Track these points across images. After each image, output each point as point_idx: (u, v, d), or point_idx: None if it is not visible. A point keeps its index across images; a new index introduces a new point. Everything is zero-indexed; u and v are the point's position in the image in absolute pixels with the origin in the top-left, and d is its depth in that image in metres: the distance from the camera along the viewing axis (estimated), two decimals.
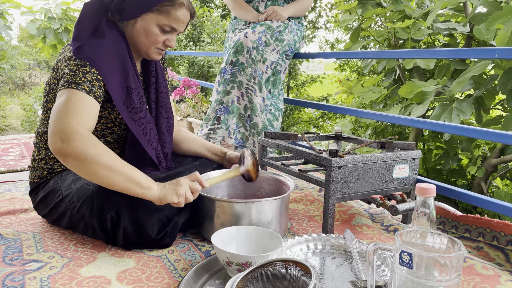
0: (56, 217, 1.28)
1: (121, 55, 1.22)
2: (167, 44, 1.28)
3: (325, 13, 7.48)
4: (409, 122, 1.78)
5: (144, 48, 1.27)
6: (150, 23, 1.22)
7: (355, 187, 1.28)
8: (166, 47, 1.28)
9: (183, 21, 1.25)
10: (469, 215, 1.26)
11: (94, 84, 1.13)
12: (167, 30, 1.25)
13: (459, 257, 0.69)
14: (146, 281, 1.01)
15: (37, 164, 1.32)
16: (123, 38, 1.25)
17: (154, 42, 1.25)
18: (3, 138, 3.19)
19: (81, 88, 1.10)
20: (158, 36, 1.24)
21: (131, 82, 1.24)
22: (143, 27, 1.23)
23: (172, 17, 1.22)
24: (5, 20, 4.78)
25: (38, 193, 1.32)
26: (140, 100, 1.27)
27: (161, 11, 1.21)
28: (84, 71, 1.13)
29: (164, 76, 1.45)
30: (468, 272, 1.06)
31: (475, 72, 2.49)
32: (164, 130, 1.39)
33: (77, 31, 1.18)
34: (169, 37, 1.27)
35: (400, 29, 2.94)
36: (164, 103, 1.40)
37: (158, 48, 1.28)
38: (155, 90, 1.38)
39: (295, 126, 7.00)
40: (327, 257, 1.11)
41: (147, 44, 1.26)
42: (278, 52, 2.09)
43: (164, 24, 1.23)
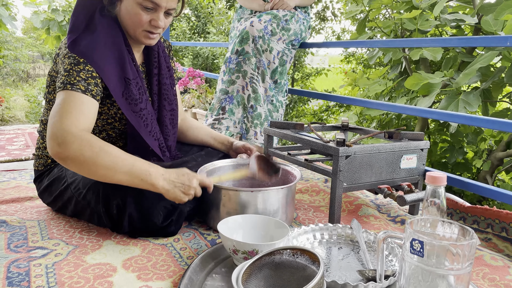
0: (61, 204, 1.28)
1: (116, 45, 1.18)
2: (153, 24, 1.19)
3: (331, 4, 7.42)
4: (416, 112, 1.76)
5: (132, 32, 1.21)
6: (131, 2, 1.16)
7: (362, 177, 1.26)
8: (154, 28, 1.20)
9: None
10: (478, 206, 1.25)
11: (90, 82, 1.11)
12: (149, 7, 1.15)
13: (471, 246, 0.68)
14: (152, 269, 1.00)
15: (41, 152, 1.32)
16: (118, 26, 1.21)
17: (138, 23, 1.18)
18: (8, 128, 3.19)
19: (76, 88, 1.09)
20: (140, 16, 1.16)
21: (129, 73, 1.20)
22: (126, 8, 1.17)
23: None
24: (10, 11, 4.76)
25: (42, 181, 1.32)
26: (140, 91, 1.23)
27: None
28: (78, 70, 1.11)
29: (169, 66, 1.40)
30: (477, 263, 1.05)
31: (482, 64, 2.45)
32: (167, 123, 1.36)
33: (72, 23, 1.16)
34: (154, 15, 1.18)
35: (407, 20, 2.90)
36: (167, 95, 1.36)
37: (146, 30, 1.20)
38: (157, 81, 1.34)
39: (299, 119, 6.97)
40: (334, 247, 1.10)
41: (133, 25, 1.19)
42: (284, 42, 2.07)
43: (143, 1, 1.14)
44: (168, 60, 1.41)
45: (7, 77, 10.33)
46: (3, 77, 9.81)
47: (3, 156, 2.19)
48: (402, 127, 1.53)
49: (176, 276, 0.97)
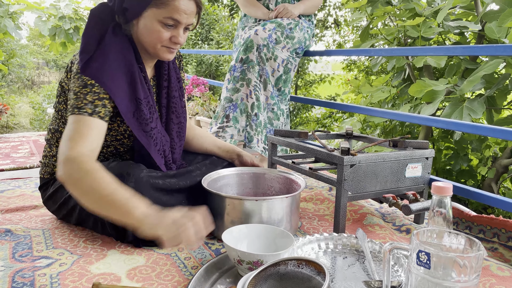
0: (65, 212, 1.28)
1: (128, 65, 1.18)
2: (173, 40, 1.19)
3: (334, 12, 7.44)
4: (421, 121, 1.76)
5: (151, 48, 1.20)
6: (150, 19, 1.15)
7: (367, 186, 1.26)
8: (174, 44, 1.20)
9: (185, 11, 1.15)
10: (484, 215, 1.24)
11: (97, 104, 1.11)
12: (169, 24, 1.16)
13: (478, 258, 0.68)
14: (156, 279, 1.00)
15: (48, 161, 1.32)
16: (130, 44, 1.20)
17: (158, 40, 1.17)
18: (13, 136, 3.21)
19: (83, 112, 1.09)
20: (161, 33, 1.16)
21: (140, 93, 1.20)
22: (145, 25, 1.17)
23: (171, 8, 1.14)
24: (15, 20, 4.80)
25: (47, 189, 1.32)
26: (150, 110, 1.23)
27: (159, 4, 1.14)
28: (85, 92, 1.11)
29: (178, 77, 1.39)
30: (484, 273, 1.04)
31: (486, 71, 2.45)
32: (174, 136, 1.35)
33: (84, 43, 1.15)
34: (175, 32, 1.18)
35: (410, 27, 2.91)
36: (176, 108, 1.35)
37: (166, 46, 1.20)
38: (166, 94, 1.33)
39: (303, 126, 6.97)
40: (339, 257, 1.10)
41: (152, 43, 1.19)
42: (288, 50, 2.08)
43: (165, 18, 1.14)
44: (179, 71, 1.41)
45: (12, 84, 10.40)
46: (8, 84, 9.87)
47: (8, 164, 2.20)
48: (407, 135, 1.53)
49: (181, 286, 0.97)
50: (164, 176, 1.23)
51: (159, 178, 1.21)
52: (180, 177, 1.28)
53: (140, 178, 1.15)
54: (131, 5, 1.15)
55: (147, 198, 1.11)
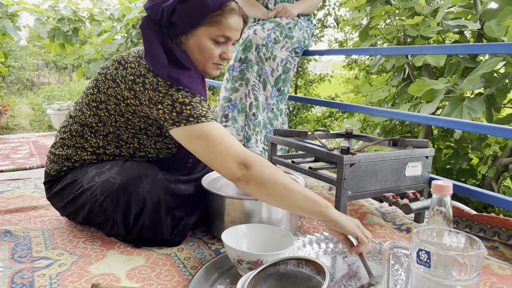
0: (72, 210, 1.25)
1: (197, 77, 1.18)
2: (223, 57, 1.18)
3: (334, 11, 7.43)
4: (420, 119, 1.76)
5: (201, 66, 1.18)
6: (202, 37, 1.13)
7: (367, 185, 1.26)
8: (223, 60, 1.19)
9: (236, 28, 1.15)
10: (484, 214, 1.24)
11: (208, 110, 1.12)
12: (221, 42, 1.15)
13: (479, 256, 0.67)
14: (156, 279, 0.99)
15: (57, 159, 1.26)
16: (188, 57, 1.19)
17: (210, 57, 1.16)
18: (12, 137, 3.21)
19: (210, 119, 1.07)
20: (213, 50, 1.15)
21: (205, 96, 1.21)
22: (196, 43, 1.14)
23: (224, 26, 1.12)
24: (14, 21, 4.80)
25: (53, 185, 1.29)
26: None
27: (212, 22, 1.11)
28: (198, 101, 1.10)
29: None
30: (485, 272, 1.04)
31: (486, 70, 2.44)
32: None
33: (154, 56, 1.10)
34: (225, 48, 1.17)
35: (409, 26, 2.91)
36: None
37: (215, 63, 1.19)
38: None
39: (302, 126, 6.97)
40: (339, 256, 1.09)
41: (203, 60, 1.17)
42: (287, 49, 2.07)
43: (217, 36, 1.13)
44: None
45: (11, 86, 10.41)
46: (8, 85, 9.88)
47: (8, 165, 2.20)
48: (407, 134, 1.53)
49: (180, 286, 0.97)
50: (176, 181, 1.25)
51: (172, 182, 1.22)
52: (189, 183, 1.29)
53: (157, 180, 1.17)
54: (181, 21, 1.11)
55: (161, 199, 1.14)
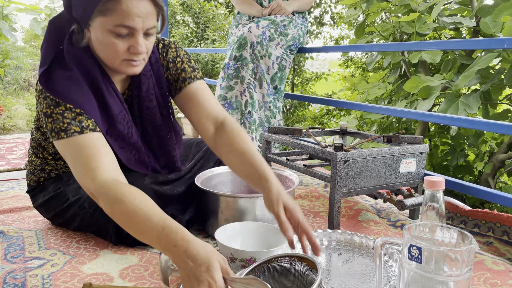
0: (62, 221, 1.25)
1: (91, 78, 1.03)
2: (132, 51, 0.98)
3: (330, 9, 7.43)
4: (417, 116, 1.76)
5: (110, 64, 1.01)
6: (100, 31, 0.95)
7: (361, 182, 1.25)
8: (135, 55, 0.99)
9: (138, 14, 0.93)
10: (478, 210, 1.24)
11: (80, 119, 0.98)
12: (123, 34, 0.95)
13: (470, 251, 0.67)
14: (149, 278, 0.99)
15: (34, 169, 1.25)
16: (90, 55, 1.04)
17: (114, 53, 0.98)
18: (8, 137, 3.20)
19: (71, 133, 0.96)
20: (115, 45, 0.96)
21: (112, 108, 1.06)
22: (96, 38, 0.97)
23: (119, 14, 0.92)
24: (10, 22, 4.78)
25: (36, 195, 1.27)
26: (128, 125, 1.11)
27: (105, 11, 0.93)
28: (60, 112, 0.97)
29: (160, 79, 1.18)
30: (478, 267, 1.04)
31: (481, 66, 2.45)
32: (154, 148, 1.21)
33: (42, 56, 1.02)
34: (132, 41, 0.97)
35: (405, 23, 2.90)
36: (151, 120, 1.17)
37: (125, 59, 0.99)
38: (138, 105, 1.15)
39: (300, 124, 6.96)
40: (333, 253, 1.09)
41: (108, 57, 1.00)
42: (282, 47, 2.07)
43: (115, 26, 0.93)
44: (162, 72, 1.18)
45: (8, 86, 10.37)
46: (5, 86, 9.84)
47: (3, 165, 2.19)
48: (401, 131, 1.53)
49: (173, 285, 0.96)
50: (164, 183, 1.20)
51: (159, 184, 1.18)
52: (176, 182, 1.25)
53: (144, 186, 1.11)
54: (77, 13, 0.96)
55: None
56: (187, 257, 0.76)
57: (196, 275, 0.74)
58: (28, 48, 13.55)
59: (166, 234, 0.79)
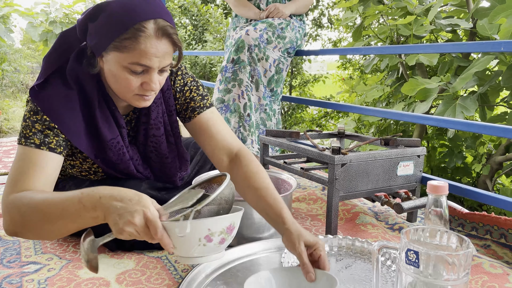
0: None
1: (89, 102, 1.01)
2: (145, 88, 0.95)
3: (327, 12, 7.45)
4: (413, 119, 1.76)
5: (120, 96, 0.99)
6: (113, 64, 0.93)
7: (358, 185, 1.25)
8: (147, 91, 0.97)
9: (156, 54, 0.91)
10: (476, 213, 1.24)
11: (47, 134, 0.96)
12: (138, 71, 0.93)
13: (467, 255, 0.67)
14: (146, 283, 0.98)
15: None
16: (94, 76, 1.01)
17: (127, 88, 0.95)
18: (5, 140, 3.19)
19: (30, 143, 0.95)
20: (129, 81, 0.94)
21: (103, 135, 1.03)
22: (110, 70, 0.95)
23: (137, 53, 0.90)
24: (6, 24, 4.78)
25: None
26: (119, 152, 1.07)
27: (121, 47, 0.90)
28: (34, 120, 0.96)
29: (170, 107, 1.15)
30: (476, 270, 1.03)
31: (478, 68, 2.45)
32: (157, 172, 1.20)
33: (42, 67, 1.00)
34: (146, 78, 0.94)
35: (402, 25, 2.91)
36: (156, 148, 1.15)
37: (138, 94, 0.97)
38: (144, 131, 1.13)
39: (298, 126, 6.97)
40: (334, 259, 1.09)
41: (120, 91, 0.97)
42: (280, 50, 2.07)
43: (131, 64, 0.91)
44: (172, 101, 1.16)
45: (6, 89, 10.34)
46: (2, 89, 9.82)
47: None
48: (399, 134, 1.53)
49: None
50: (159, 189, 1.20)
51: (157, 189, 1.18)
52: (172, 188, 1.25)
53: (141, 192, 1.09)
54: (91, 41, 0.94)
55: None
56: (114, 199, 0.77)
57: (129, 209, 0.75)
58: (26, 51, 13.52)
59: (87, 194, 0.80)
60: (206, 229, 0.76)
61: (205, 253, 0.79)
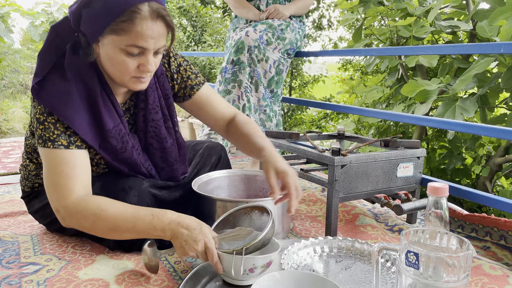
0: (58, 227, 1.23)
1: (89, 90, 1.03)
2: (142, 69, 1.00)
3: (328, 13, 7.45)
4: (413, 120, 1.76)
5: (118, 79, 1.02)
6: (110, 48, 0.96)
7: (358, 187, 1.25)
8: (144, 73, 1.01)
9: (152, 36, 0.95)
10: (476, 214, 1.24)
11: (70, 133, 1.01)
12: (134, 53, 0.96)
13: (467, 257, 0.67)
14: (145, 284, 0.98)
15: (28, 174, 1.24)
16: (92, 65, 1.04)
17: (124, 71, 0.99)
18: (4, 141, 3.18)
19: (58, 145, 0.99)
20: (126, 63, 0.97)
21: (107, 123, 1.05)
22: (106, 54, 0.98)
23: (133, 35, 0.93)
24: (6, 23, 4.77)
25: (31, 201, 1.26)
26: (122, 139, 1.10)
27: (118, 30, 0.93)
28: (53, 121, 1.00)
29: (165, 93, 1.20)
30: (476, 272, 1.03)
31: (478, 70, 2.45)
32: (157, 161, 1.22)
33: (39, 63, 1.02)
34: (142, 60, 0.98)
35: (402, 27, 2.91)
36: (156, 133, 1.18)
37: (134, 76, 1.01)
38: (143, 117, 1.16)
39: (297, 127, 6.97)
40: (334, 260, 1.09)
41: (117, 74, 1.01)
42: (279, 51, 2.07)
43: (127, 46, 0.94)
44: (167, 84, 1.20)
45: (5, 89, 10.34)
46: (1, 89, 9.82)
47: None
48: (398, 135, 1.53)
49: None
50: (164, 187, 1.22)
51: (158, 188, 1.19)
52: (174, 187, 1.26)
53: (142, 191, 1.12)
54: (86, 28, 0.96)
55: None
56: (182, 227, 0.94)
57: (193, 237, 0.92)
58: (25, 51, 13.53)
59: (157, 218, 0.95)
60: (251, 264, 0.92)
61: (247, 279, 0.94)
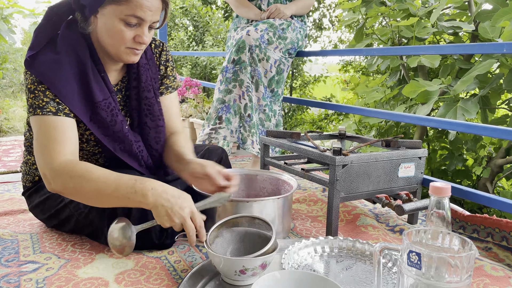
0: (57, 222, 1.24)
1: (80, 63, 1.07)
2: (138, 40, 1.06)
3: (329, 13, 7.45)
4: (415, 120, 1.75)
5: (113, 50, 1.07)
6: (110, 17, 1.02)
7: (359, 186, 1.25)
8: (139, 44, 1.07)
9: (150, 8, 1.02)
10: (477, 215, 1.23)
11: (59, 101, 1.04)
12: (132, 23, 1.03)
13: (470, 257, 0.66)
14: (145, 283, 0.98)
15: (29, 168, 1.25)
16: (85, 42, 1.08)
17: (121, 40, 1.04)
18: (5, 140, 3.18)
19: (46, 112, 1.03)
20: (123, 32, 1.03)
21: (96, 95, 1.08)
22: (105, 24, 1.03)
23: (133, 5, 1.00)
24: (9, 24, 4.77)
25: (32, 196, 1.26)
26: (112, 113, 1.12)
27: (118, 0, 1.00)
28: (42, 89, 1.03)
29: (155, 74, 1.24)
30: (478, 273, 1.03)
31: (480, 71, 2.44)
32: (151, 141, 1.23)
33: (34, 38, 1.05)
34: (139, 31, 1.05)
35: (404, 27, 2.90)
36: (150, 111, 1.21)
37: (129, 47, 1.07)
38: (136, 95, 1.19)
39: (298, 128, 6.96)
40: (335, 260, 1.08)
41: (114, 44, 1.05)
42: (281, 50, 2.06)
43: (127, 16, 1.01)
44: (156, 69, 1.26)
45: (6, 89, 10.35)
46: (2, 88, 9.83)
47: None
48: (400, 135, 1.52)
49: None
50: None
51: None
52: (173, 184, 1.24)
53: None
54: (87, 1, 1.02)
55: None
56: (166, 194, 0.96)
57: (179, 205, 0.95)
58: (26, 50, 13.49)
59: (140, 182, 0.97)
60: (240, 265, 0.89)
61: (244, 279, 0.93)
